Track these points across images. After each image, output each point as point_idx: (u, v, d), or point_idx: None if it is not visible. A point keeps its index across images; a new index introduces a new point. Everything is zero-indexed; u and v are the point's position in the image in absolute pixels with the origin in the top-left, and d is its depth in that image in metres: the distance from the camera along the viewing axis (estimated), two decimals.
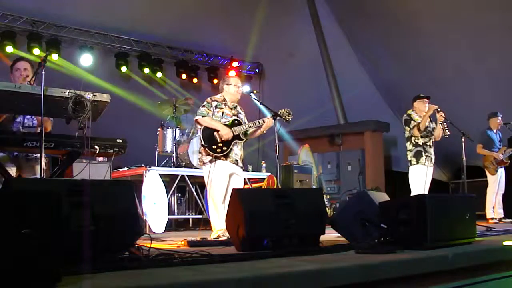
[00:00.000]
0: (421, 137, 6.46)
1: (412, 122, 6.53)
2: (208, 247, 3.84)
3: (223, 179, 4.94)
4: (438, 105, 6.53)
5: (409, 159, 6.56)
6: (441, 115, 6.41)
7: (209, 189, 5.00)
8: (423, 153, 6.44)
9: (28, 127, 4.45)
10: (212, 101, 5.13)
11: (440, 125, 6.44)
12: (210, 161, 4.97)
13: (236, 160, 5.07)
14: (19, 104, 3.99)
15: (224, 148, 4.95)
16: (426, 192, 6.27)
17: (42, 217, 2.05)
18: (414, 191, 6.39)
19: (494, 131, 8.21)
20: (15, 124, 4.43)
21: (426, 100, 6.59)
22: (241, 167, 5.16)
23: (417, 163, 6.45)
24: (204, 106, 5.10)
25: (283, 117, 5.10)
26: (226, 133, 4.96)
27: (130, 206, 3.01)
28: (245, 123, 5.16)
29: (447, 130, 6.43)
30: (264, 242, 3.41)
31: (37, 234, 1.99)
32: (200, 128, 5.04)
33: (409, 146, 6.58)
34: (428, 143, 6.51)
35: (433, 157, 6.56)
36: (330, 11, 11.55)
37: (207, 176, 4.98)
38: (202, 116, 5.04)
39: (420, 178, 6.41)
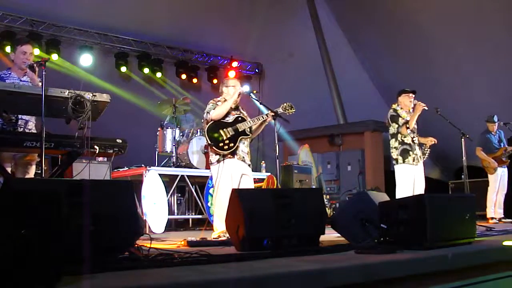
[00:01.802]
0: (409, 135, 6.12)
1: (400, 119, 6.15)
2: (208, 247, 3.85)
3: (232, 178, 4.93)
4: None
5: (394, 157, 6.15)
6: (432, 140, 6.19)
7: (217, 188, 4.98)
8: (410, 152, 6.06)
9: None
10: (216, 101, 5.16)
11: (424, 147, 6.18)
12: (218, 161, 4.97)
13: (244, 157, 5.06)
14: (18, 104, 3.99)
15: (231, 145, 4.95)
16: (415, 193, 5.92)
17: (42, 217, 2.05)
18: (400, 192, 5.99)
19: (493, 132, 8.21)
20: None
21: (411, 95, 6.25)
22: (249, 165, 5.14)
23: (403, 162, 6.06)
24: (210, 105, 5.12)
25: (286, 111, 5.11)
26: (238, 90, 5.05)
27: (130, 206, 3.01)
28: (248, 121, 5.16)
29: (425, 156, 6.18)
30: (264, 242, 3.41)
31: (37, 234, 1.99)
32: (205, 129, 5.03)
33: (394, 143, 6.16)
34: (415, 141, 6.13)
35: (420, 155, 6.18)
36: (330, 11, 11.55)
37: (216, 175, 4.97)
38: (212, 110, 5.05)
39: (408, 178, 6.04)
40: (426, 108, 6.13)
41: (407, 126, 6.09)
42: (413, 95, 6.26)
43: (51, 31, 9.24)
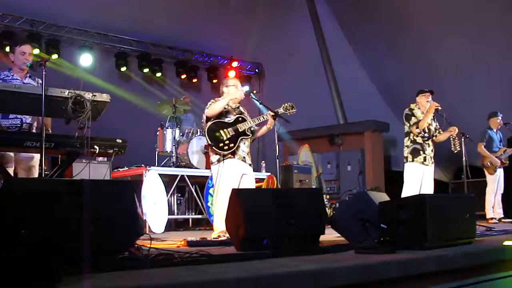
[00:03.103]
0: (420, 135, 6.17)
1: (413, 118, 6.21)
2: (208, 247, 3.85)
3: (232, 177, 4.93)
4: (440, 104, 6.44)
5: (405, 155, 6.23)
6: (454, 130, 6.13)
7: (217, 188, 4.97)
8: (421, 152, 6.12)
9: None
10: (216, 101, 5.15)
11: (452, 138, 6.15)
12: (218, 161, 4.97)
13: (244, 157, 5.06)
14: (18, 104, 3.99)
15: (231, 145, 4.95)
16: (423, 193, 5.92)
17: (42, 217, 2.06)
18: (407, 191, 6.04)
19: (495, 130, 8.20)
20: None
21: (429, 94, 6.27)
22: (250, 164, 5.14)
23: (413, 160, 6.12)
24: (210, 104, 5.11)
25: (287, 111, 5.11)
26: (238, 94, 5.05)
27: (130, 206, 3.01)
28: (249, 121, 5.16)
29: (457, 146, 6.13)
30: (264, 242, 3.41)
31: (37, 234, 1.99)
32: (205, 128, 5.03)
33: (406, 142, 6.25)
34: (427, 142, 6.18)
35: (431, 156, 6.22)
36: (330, 11, 11.55)
37: (216, 175, 4.97)
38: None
39: (415, 177, 6.08)
40: (440, 108, 6.14)
41: (417, 126, 6.14)
42: (430, 95, 6.26)
43: (51, 31, 9.24)
